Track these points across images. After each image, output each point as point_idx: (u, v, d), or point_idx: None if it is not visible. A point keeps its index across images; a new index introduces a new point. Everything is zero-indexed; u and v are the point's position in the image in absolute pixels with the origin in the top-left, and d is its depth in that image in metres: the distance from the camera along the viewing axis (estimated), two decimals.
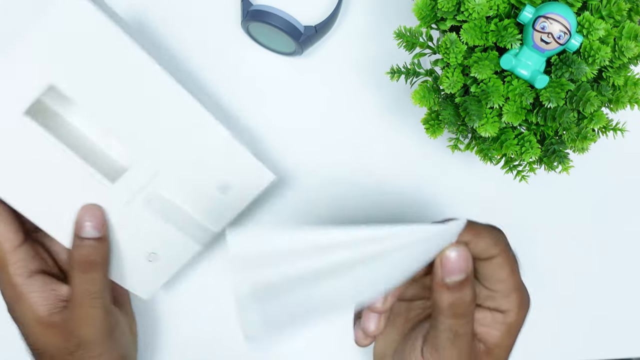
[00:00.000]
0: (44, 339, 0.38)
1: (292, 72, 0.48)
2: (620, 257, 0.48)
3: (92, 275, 0.38)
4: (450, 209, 0.48)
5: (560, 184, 0.48)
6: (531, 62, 0.34)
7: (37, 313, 0.38)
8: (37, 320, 0.38)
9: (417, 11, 0.36)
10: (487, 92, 0.35)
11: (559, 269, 0.48)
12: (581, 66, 0.34)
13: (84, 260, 0.38)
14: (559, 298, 0.48)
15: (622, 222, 0.48)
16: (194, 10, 0.47)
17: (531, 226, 0.48)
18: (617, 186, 0.48)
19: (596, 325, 0.48)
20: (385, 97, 0.48)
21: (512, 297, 0.34)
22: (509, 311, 0.34)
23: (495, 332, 0.34)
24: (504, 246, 0.34)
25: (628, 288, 0.48)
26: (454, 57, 0.35)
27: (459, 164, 0.48)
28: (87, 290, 0.38)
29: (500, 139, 0.37)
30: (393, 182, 0.47)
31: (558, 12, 0.33)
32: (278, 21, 0.43)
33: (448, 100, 0.37)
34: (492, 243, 0.33)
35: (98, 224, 0.39)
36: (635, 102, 0.36)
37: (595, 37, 0.34)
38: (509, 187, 0.48)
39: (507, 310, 0.34)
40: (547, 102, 0.34)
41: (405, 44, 0.38)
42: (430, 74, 0.39)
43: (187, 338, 0.48)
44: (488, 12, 0.34)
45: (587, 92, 0.34)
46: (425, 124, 0.39)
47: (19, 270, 0.38)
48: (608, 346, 0.48)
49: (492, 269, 0.33)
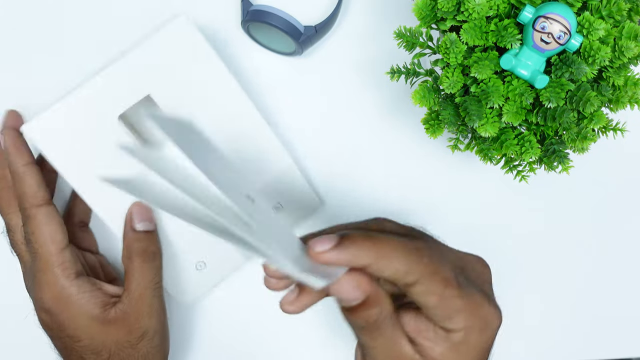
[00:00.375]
0: (102, 337, 0.38)
1: (292, 72, 0.48)
2: (620, 257, 0.48)
3: (154, 264, 0.39)
4: (450, 209, 0.48)
5: (560, 184, 0.48)
6: (531, 62, 0.34)
7: (91, 312, 0.38)
8: (93, 319, 0.38)
9: (417, 11, 0.36)
10: (487, 92, 0.35)
11: (558, 268, 0.48)
12: (581, 66, 0.34)
13: (144, 250, 0.39)
14: (559, 298, 0.48)
15: (622, 222, 0.48)
16: (194, 10, 0.47)
17: (531, 226, 0.48)
18: (617, 186, 0.48)
19: (596, 325, 0.48)
20: (385, 97, 0.48)
21: (457, 319, 0.30)
22: (455, 332, 0.31)
23: (437, 348, 0.31)
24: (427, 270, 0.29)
25: (628, 288, 0.48)
26: (454, 57, 0.35)
27: (459, 164, 0.48)
28: (150, 280, 0.39)
29: (500, 139, 0.37)
30: (393, 182, 0.47)
31: (558, 12, 0.33)
32: (278, 21, 0.43)
33: (448, 100, 0.37)
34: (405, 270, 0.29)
35: (149, 217, 0.40)
36: (635, 102, 0.36)
37: (595, 37, 0.34)
38: (509, 187, 0.48)
39: (453, 330, 0.31)
40: (547, 102, 0.34)
41: (405, 44, 0.38)
42: (430, 74, 0.39)
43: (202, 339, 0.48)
44: (488, 12, 0.34)
45: (587, 92, 0.34)
46: (425, 124, 0.39)
47: (65, 272, 0.38)
48: (608, 346, 0.48)
49: (417, 296, 0.30)
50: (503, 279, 0.48)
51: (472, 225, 0.48)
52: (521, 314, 0.48)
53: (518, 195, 0.48)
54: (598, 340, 0.48)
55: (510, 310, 0.48)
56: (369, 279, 0.30)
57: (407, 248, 0.30)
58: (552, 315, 0.48)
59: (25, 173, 0.39)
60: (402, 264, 0.29)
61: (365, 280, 0.29)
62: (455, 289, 0.30)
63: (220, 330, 0.48)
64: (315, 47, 0.48)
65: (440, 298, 0.30)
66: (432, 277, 0.29)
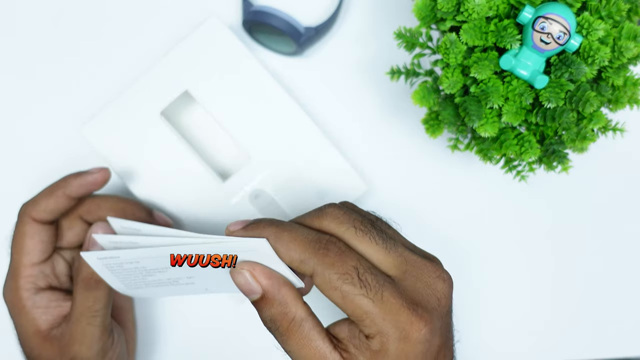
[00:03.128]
0: (38, 351, 0.39)
1: (292, 72, 0.48)
2: (620, 257, 0.48)
3: (95, 293, 0.39)
4: (450, 209, 0.48)
5: (561, 183, 0.48)
6: (531, 62, 0.35)
7: (36, 327, 0.39)
8: (35, 333, 0.39)
9: (417, 11, 0.36)
10: (487, 92, 0.35)
11: (559, 268, 0.48)
12: (581, 66, 0.34)
13: (89, 277, 0.38)
14: (559, 298, 0.48)
15: (622, 222, 0.48)
16: (195, 11, 0.47)
17: (531, 226, 0.48)
18: (617, 186, 0.48)
19: (596, 325, 0.48)
20: (385, 97, 0.48)
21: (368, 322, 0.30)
22: (371, 338, 0.30)
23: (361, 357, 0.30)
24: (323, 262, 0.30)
25: (628, 288, 0.48)
26: (453, 57, 0.35)
27: (459, 164, 0.48)
28: (88, 308, 0.38)
29: (500, 139, 0.37)
30: (393, 182, 0.47)
31: (557, 13, 0.33)
32: (278, 22, 0.43)
33: (448, 101, 0.37)
34: (299, 258, 0.30)
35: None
36: (634, 102, 0.37)
37: (595, 37, 0.34)
38: (509, 187, 0.48)
39: (369, 336, 0.30)
40: (547, 102, 0.35)
41: (405, 44, 0.38)
42: (430, 74, 0.39)
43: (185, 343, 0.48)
44: (488, 12, 0.35)
45: (587, 92, 0.34)
46: (425, 124, 0.39)
47: (27, 285, 0.39)
48: (608, 346, 0.48)
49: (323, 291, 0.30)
50: (503, 279, 0.48)
51: (472, 225, 0.48)
52: (521, 314, 0.48)
53: (518, 195, 0.48)
54: (598, 340, 0.48)
55: (511, 310, 0.48)
56: (269, 274, 0.31)
57: (307, 239, 0.31)
58: (552, 315, 0.48)
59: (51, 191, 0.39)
60: (297, 252, 0.30)
61: (264, 274, 0.31)
62: (357, 287, 0.30)
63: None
64: (315, 47, 0.48)
65: (342, 295, 0.30)
66: (328, 269, 0.30)
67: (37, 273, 0.39)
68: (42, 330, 0.39)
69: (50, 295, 0.40)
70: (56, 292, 0.40)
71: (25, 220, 0.39)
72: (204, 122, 0.46)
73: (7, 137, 0.48)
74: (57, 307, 0.40)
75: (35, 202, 0.39)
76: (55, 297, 0.40)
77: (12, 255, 0.39)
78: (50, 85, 0.48)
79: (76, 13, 0.48)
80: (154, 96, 0.44)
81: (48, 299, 0.39)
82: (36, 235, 0.39)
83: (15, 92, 0.48)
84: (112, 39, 0.48)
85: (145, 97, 0.44)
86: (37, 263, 0.39)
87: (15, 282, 0.39)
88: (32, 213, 0.39)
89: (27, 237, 0.39)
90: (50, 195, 0.39)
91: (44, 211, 0.39)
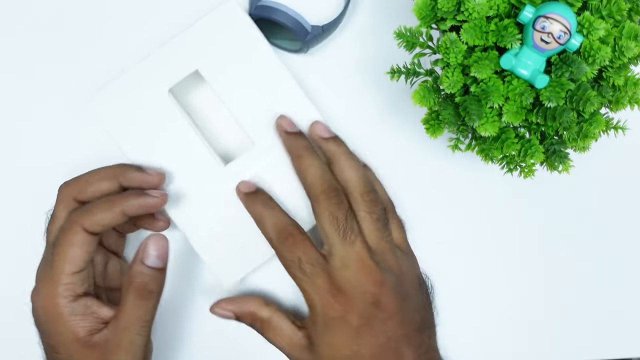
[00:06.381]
0: (79, 357, 0.39)
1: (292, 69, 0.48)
2: (620, 257, 0.48)
3: (148, 303, 0.39)
4: (450, 209, 0.48)
5: (562, 182, 0.48)
6: (531, 61, 0.34)
7: (75, 334, 0.39)
8: (75, 340, 0.39)
9: (417, 11, 0.36)
10: (487, 91, 0.35)
11: (559, 268, 0.48)
12: (581, 66, 0.34)
13: (142, 287, 0.38)
14: (559, 298, 0.48)
15: (622, 222, 0.48)
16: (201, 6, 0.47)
17: (532, 225, 0.48)
18: (618, 186, 0.48)
19: (596, 325, 0.48)
20: (385, 97, 0.48)
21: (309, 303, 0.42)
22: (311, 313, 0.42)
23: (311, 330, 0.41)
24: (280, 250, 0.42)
25: (628, 288, 0.48)
26: (454, 57, 0.35)
27: (459, 163, 0.48)
28: (138, 318, 0.38)
29: (501, 138, 0.37)
30: (392, 182, 0.47)
31: (558, 12, 0.33)
32: (285, 18, 0.43)
33: (448, 100, 0.37)
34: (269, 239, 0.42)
35: (162, 254, 0.40)
36: (635, 102, 0.36)
37: (596, 37, 0.34)
38: (510, 186, 0.48)
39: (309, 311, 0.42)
40: (547, 102, 0.34)
41: (405, 44, 0.38)
42: (430, 74, 0.39)
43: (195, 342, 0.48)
44: (488, 12, 0.35)
45: (587, 91, 0.34)
46: (425, 124, 0.39)
47: (66, 292, 0.39)
48: (608, 346, 0.48)
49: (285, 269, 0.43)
50: (503, 279, 0.48)
51: (472, 225, 0.48)
52: (521, 314, 0.48)
53: (519, 194, 0.48)
54: (598, 340, 0.48)
55: (511, 309, 0.48)
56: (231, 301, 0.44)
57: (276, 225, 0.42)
58: (552, 315, 0.48)
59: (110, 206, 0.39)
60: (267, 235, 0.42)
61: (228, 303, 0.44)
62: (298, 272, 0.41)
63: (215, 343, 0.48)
64: (315, 47, 0.48)
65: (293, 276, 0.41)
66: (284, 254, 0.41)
67: (77, 280, 0.39)
68: (80, 337, 0.38)
69: (87, 302, 0.39)
70: (90, 298, 0.40)
71: (77, 229, 0.39)
72: (211, 104, 0.46)
73: (7, 137, 0.48)
74: (92, 313, 0.39)
75: (90, 212, 0.39)
76: (92, 304, 0.39)
77: (54, 262, 0.39)
78: (50, 85, 0.48)
79: (76, 13, 0.48)
80: (163, 73, 0.44)
81: (84, 306, 0.39)
82: (85, 245, 0.39)
83: (15, 92, 0.48)
84: (113, 39, 0.48)
85: (155, 73, 0.44)
86: (78, 271, 0.39)
87: (53, 289, 0.38)
88: (86, 224, 0.39)
89: (76, 246, 0.39)
90: (109, 210, 0.39)
91: (98, 224, 0.39)
